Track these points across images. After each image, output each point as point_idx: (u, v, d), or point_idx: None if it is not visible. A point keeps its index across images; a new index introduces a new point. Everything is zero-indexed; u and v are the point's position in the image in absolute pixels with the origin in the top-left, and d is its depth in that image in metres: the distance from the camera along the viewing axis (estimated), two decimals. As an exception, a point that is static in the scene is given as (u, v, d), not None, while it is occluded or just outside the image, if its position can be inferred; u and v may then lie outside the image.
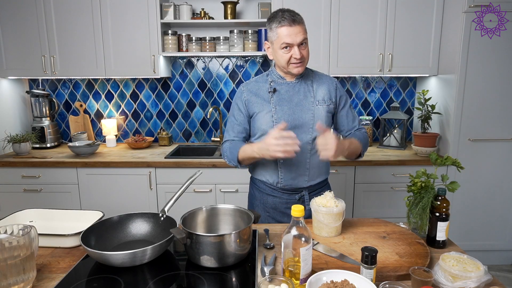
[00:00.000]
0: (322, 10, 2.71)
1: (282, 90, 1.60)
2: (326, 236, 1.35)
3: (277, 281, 0.97)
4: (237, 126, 1.65)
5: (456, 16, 2.58)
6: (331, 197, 1.39)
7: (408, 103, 3.23)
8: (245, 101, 1.62)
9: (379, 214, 2.69)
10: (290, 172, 1.61)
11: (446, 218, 1.28)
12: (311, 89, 1.61)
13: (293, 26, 1.46)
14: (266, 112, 1.58)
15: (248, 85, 1.66)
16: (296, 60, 1.50)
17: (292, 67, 1.53)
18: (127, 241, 1.32)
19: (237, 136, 1.66)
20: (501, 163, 2.68)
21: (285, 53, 1.50)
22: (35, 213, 1.49)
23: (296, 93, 1.60)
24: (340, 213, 1.34)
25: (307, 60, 1.55)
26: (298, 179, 1.61)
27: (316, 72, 1.68)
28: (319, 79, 1.64)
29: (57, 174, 2.67)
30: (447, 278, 1.02)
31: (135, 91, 3.22)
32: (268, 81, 1.62)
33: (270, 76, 1.64)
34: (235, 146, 1.60)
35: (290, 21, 1.45)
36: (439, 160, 1.38)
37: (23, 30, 2.79)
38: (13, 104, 3.05)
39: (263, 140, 1.44)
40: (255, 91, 1.62)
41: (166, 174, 2.66)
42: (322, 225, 1.34)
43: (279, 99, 1.58)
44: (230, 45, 2.88)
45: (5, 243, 0.98)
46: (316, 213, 1.36)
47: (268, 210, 1.68)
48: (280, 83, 1.61)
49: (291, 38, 1.46)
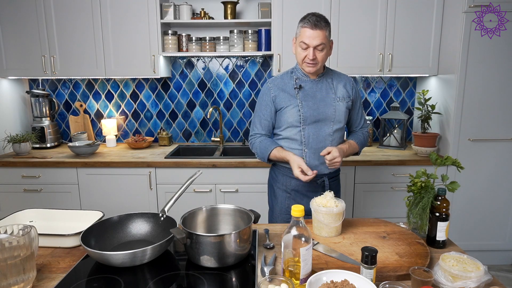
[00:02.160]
0: (322, 10, 2.71)
1: (307, 86, 1.74)
2: (326, 236, 1.35)
3: (277, 281, 0.97)
4: (264, 121, 1.80)
5: (456, 16, 2.58)
6: (331, 197, 1.39)
7: (408, 103, 3.23)
8: (272, 96, 1.76)
9: (379, 214, 2.69)
10: (314, 160, 1.74)
11: (446, 218, 1.28)
12: (332, 86, 1.77)
13: (314, 30, 1.59)
14: (293, 107, 1.71)
15: (275, 81, 1.79)
16: (309, 60, 1.64)
17: (305, 65, 1.68)
18: (127, 241, 1.32)
19: (264, 130, 1.81)
20: (501, 163, 2.68)
21: (302, 52, 1.65)
22: (35, 213, 1.49)
23: (319, 90, 1.75)
24: (340, 213, 1.35)
25: (321, 63, 1.67)
26: (320, 167, 1.74)
27: (335, 71, 1.83)
28: (338, 78, 1.80)
29: (57, 174, 2.67)
30: (447, 278, 1.02)
31: (135, 91, 3.22)
32: (293, 78, 1.76)
33: (294, 73, 1.77)
34: (267, 146, 1.76)
35: (312, 25, 1.59)
36: (439, 160, 1.38)
37: (23, 30, 2.79)
38: (13, 104, 3.05)
39: (294, 160, 1.64)
40: (281, 86, 1.76)
41: (166, 174, 2.66)
42: (322, 225, 1.35)
43: (304, 95, 1.73)
44: (230, 45, 2.88)
45: (5, 243, 0.98)
46: (316, 213, 1.36)
47: (289, 192, 1.82)
48: (304, 80, 1.75)
49: (308, 40, 1.60)
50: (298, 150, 1.75)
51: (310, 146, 1.74)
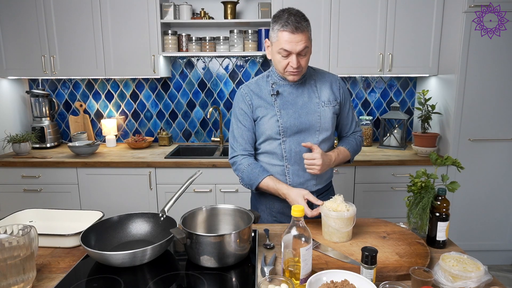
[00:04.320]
0: (322, 10, 2.72)
1: (285, 92, 1.52)
2: (338, 241, 1.30)
3: (277, 281, 0.97)
4: (247, 132, 1.54)
5: (456, 16, 2.57)
6: (341, 201, 1.33)
7: (408, 103, 3.23)
8: (249, 103, 1.53)
9: (379, 214, 2.69)
10: (299, 177, 1.55)
11: (446, 218, 1.28)
12: (315, 89, 1.54)
13: (296, 34, 1.36)
14: (271, 117, 1.50)
15: (250, 86, 1.56)
16: (292, 69, 1.43)
17: (288, 74, 1.46)
18: (127, 241, 1.32)
19: (248, 145, 1.55)
20: (501, 163, 2.68)
21: (283, 59, 1.42)
22: (35, 213, 1.49)
23: (300, 95, 1.52)
24: (351, 218, 1.29)
25: (305, 68, 1.47)
26: (306, 184, 1.56)
27: (317, 70, 1.61)
28: (321, 78, 1.57)
29: (57, 174, 2.67)
30: (447, 278, 1.02)
31: (135, 91, 3.22)
32: (269, 83, 1.53)
33: (270, 77, 1.55)
34: (256, 175, 1.50)
35: (293, 28, 1.35)
36: (439, 160, 1.38)
37: (23, 30, 2.79)
38: (13, 104, 3.04)
39: (293, 195, 1.40)
40: (257, 92, 1.53)
41: (166, 174, 2.66)
42: (334, 230, 1.29)
43: (283, 102, 1.50)
44: (230, 45, 2.88)
45: (5, 243, 0.98)
46: (326, 218, 1.30)
47: (275, 215, 1.61)
48: (282, 85, 1.53)
49: (290, 46, 1.37)
50: (279, 166, 1.54)
51: (293, 162, 1.52)
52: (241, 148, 1.56)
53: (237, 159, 1.56)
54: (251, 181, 1.51)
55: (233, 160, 1.58)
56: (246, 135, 1.55)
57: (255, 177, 1.50)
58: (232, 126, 1.58)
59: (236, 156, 1.57)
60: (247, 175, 1.52)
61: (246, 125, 1.54)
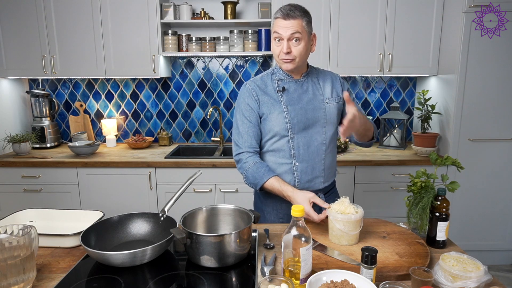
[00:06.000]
0: (322, 10, 2.72)
1: (291, 88, 1.53)
2: (347, 244, 1.27)
3: (277, 281, 0.97)
4: (252, 128, 1.53)
5: (456, 16, 2.57)
6: (348, 203, 1.30)
7: (408, 103, 3.23)
8: (256, 99, 1.52)
9: (379, 214, 2.69)
10: (307, 174, 1.54)
11: (446, 218, 1.28)
12: (318, 86, 1.56)
13: (287, 19, 1.41)
14: (278, 113, 1.49)
15: (256, 82, 1.56)
16: (283, 55, 1.45)
17: (281, 62, 1.48)
18: (127, 241, 1.32)
19: (254, 141, 1.54)
20: (501, 163, 2.68)
21: (276, 46, 1.47)
22: (35, 213, 1.49)
23: (304, 91, 1.54)
24: (360, 220, 1.27)
25: (299, 58, 1.46)
26: (314, 181, 1.55)
27: (319, 69, 1.64)
28: (323, 76, 1.60)
29: (57, 174, 2.67)
30: (447, 278, 1.02)
31: (135, 91, 3.22)
32: (274, 80, 1.55)
33: (275, 74, 1.56)
34: (261, 174, 1.48)
35: (285, 15, 1.41)
36: (439, 160, 1.38)
37: (23, 30, 2.79)
38: (13, 104, 3.05)
39: (299, 199, 1.39)
40: (263, 88, 1.54)
41: (166, 174, 2.66)
42: (342, 233, 1.26)
43: (289, 98, 1.51)
44: (230, 45, 2.88)
45: (5, 243, 0.98)
46: (334, 221, 1.27)
47: (282, 216, 1.59)
48: (287, 81, 1.54)
49: (281, 30, 1.42)
50: (287, 164, 1.53)
51: (301, 159, 1.51)
52: (247, 144, 1.54)
53: (242, 157, 1.54)
54: (256, 180, 1.49)
55: (238, 158, 1.56)
56: (252, 131, 1.53)
57: (260, 177, 1.48)
58: (237, 122, 1.56)
59: (241, 153, 1.55)
60: (252, 174, 1.50)
61: (252, 121, 1.53)
